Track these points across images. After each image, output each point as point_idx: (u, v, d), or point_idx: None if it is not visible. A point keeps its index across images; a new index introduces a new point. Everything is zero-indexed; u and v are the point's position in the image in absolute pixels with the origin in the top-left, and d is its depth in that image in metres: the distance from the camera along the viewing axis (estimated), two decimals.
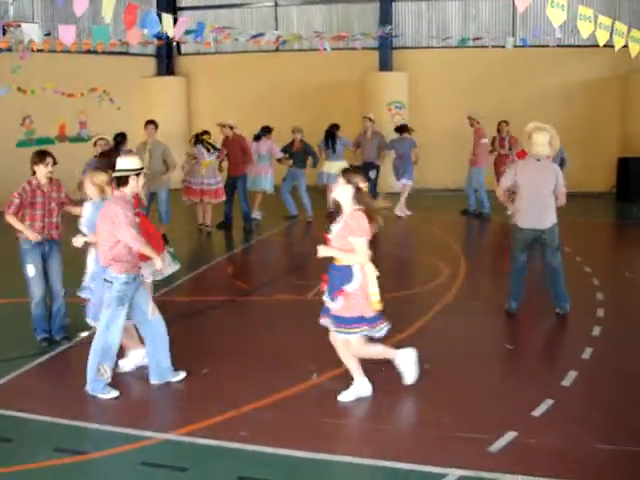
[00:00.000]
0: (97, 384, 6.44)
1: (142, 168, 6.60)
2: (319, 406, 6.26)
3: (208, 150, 13.67)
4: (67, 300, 7.83)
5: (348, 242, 5.97)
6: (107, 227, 6.35)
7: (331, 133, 15.05)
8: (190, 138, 14.45)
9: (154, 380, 6.65)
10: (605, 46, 7.45)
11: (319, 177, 15.17)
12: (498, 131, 15.17)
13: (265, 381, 6.64)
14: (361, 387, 6.31)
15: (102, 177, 6.90)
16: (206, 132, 13.92)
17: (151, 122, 12.71)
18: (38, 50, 13.74)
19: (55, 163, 7.71)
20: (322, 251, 6.07)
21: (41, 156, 7.59)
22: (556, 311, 8.49)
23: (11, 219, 7.44)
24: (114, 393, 6.45)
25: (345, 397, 6.26)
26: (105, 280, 6.44)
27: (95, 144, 11.07)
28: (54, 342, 7.75)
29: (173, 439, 5.61)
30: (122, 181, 6.45)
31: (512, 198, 8.80)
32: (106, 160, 9.89)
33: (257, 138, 14.95)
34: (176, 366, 6.76)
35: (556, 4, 6.71)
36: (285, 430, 5.75)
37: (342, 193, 6.06)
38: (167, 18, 9.52)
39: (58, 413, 6.05)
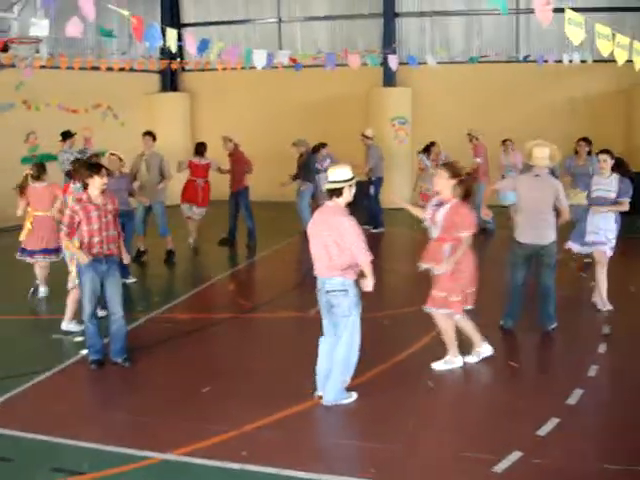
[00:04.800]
0: (340, 393, 6.49)
1: (354, 177, 6.39)
2: (320, 425, 6.20)
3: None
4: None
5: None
6: (331, 237, 6.25)
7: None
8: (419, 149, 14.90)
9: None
10: (609, 61, 7.36)
11: None
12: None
13: (267, 400, 6.57)
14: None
15: None
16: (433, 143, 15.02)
17: (148, 133, 12.66)
18: (41, 67, 13.75)
19: (109, 174, 7.70)
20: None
21: (95, 168, 7.42)
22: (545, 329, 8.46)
23: (65, 242, 7.57)
24: (354, 395, 6.54)
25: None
26: (336, 291, 6.32)
27: (108, 159, 10.85)
28: (112, 364, 7.54)
29: (172, 459, 5.54)
30: (337, 192, 6.31)
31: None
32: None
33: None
34: (177, 385, 6.70)
35: (574, 22, 6.58)
36: (286, 450, 5.68)
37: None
38: (171, 33, 9.44)
39: (59, 432, 5.99)
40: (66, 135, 13.90)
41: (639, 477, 5.19)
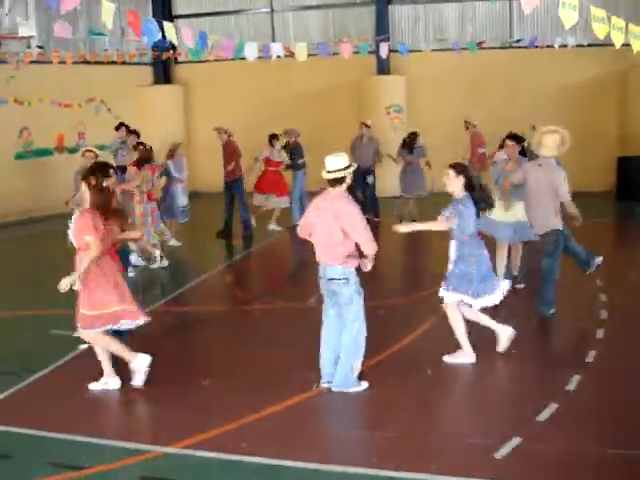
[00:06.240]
0: (350, 379, 6.49)
1: (352, 164, 6.48)
2: (320, 416, 6.20)
3: None
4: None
5: None
6: (337, 224, 6.30)
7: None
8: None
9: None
10: (603, 45, 7.32)
11: None
12: None
13: (266, 391, 6.56)
14: None
15: None
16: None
17: (132, 132, 12.71)
18: (32, 62, 13.69)
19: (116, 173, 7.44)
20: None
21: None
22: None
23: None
24: (365, 384, 6.55)
25: None
26: (337, 279, 6.37)
27: (83, 155, 10.71)
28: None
29: (173, 452, 5.53)
30: (339, 180, 6.39)
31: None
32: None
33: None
34: (176, 378, 6.68)
35: (568, 5, 6.53)
36: (286, 441, 5.68)
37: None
38: (169, 27, 9.32)
39: (58, 428, 5.98)
40: (119, 126, 14.32)
41: (638, 462, 5.20)
